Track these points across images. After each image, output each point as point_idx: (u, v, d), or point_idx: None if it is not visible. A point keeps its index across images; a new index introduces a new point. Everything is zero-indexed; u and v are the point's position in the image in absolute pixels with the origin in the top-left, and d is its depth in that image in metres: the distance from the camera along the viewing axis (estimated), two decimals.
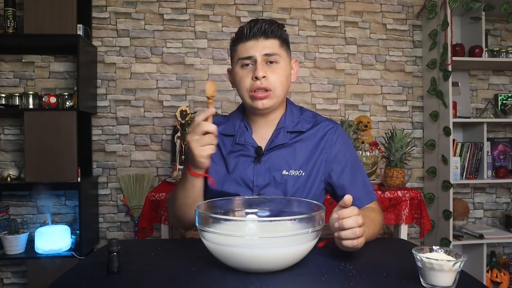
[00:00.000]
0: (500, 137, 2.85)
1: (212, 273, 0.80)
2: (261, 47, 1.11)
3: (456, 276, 0.72)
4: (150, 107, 2.66)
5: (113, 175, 2.65)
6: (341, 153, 1.19)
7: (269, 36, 1.12)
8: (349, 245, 0.86)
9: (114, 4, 2.64)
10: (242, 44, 1.13)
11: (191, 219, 1.13)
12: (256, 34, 1.11)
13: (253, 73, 1.11)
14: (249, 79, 1.12)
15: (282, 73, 1.13)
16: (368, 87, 2.80)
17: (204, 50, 2.69)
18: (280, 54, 1.13)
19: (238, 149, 1.16)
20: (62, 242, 2.29)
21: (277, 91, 1.12)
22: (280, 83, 1.12)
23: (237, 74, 1.15)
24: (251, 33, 1.11)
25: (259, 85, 1.10)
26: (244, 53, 1.12)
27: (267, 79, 1.10)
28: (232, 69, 1.19)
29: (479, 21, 2.59)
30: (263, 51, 1.10)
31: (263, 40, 1.11)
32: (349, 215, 0.86)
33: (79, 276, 0.81)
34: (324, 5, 2.76)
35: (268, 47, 1.11)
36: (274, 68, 1.12)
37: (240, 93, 1.16)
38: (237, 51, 1.15)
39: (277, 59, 1.12)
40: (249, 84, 1.12)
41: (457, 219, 2.61)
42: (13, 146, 2.59)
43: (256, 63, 1.11)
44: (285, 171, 1.14)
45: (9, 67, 2.58)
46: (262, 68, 1.10)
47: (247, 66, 1.13)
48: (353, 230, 0.85)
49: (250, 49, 1.11)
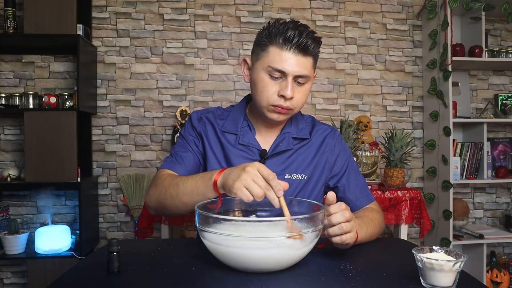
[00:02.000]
0: (500, 137, 2.85)
1: (212, 273, 0.80)
2: (297, 66, 1.02)
3: (456, 276, 0.72)
4: (150, 107, 2.66)
5: (113, 175, 2.65)
6: (341, 156, 1.21)
7: (307, 54, 1.03)
8: (338, 241, 0.87)
9: (114, 4, 2.64)
10: (278, 50, 1.02)
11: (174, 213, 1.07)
12: (297, 48, 1.01)
13: (280, 89, 1.04)
14: (275, 93, 1.05)
15: (306, 94, 1.09)
16: (368, 87, 2.80)
17: (204, 50, 2.69)
18: (310, 75, 1.06)
19: (241, 149, 1.15)
20: (62, 242, 2.29)
21: (295, 110, 1.09)
22: (301, 103, 1.09)
23: (262, 80, 1.06)
24: (291, 44, 1.01)
25: (283, 104, 1.05)
26: (278, 64, 1.02)
27: (292, 99, 1.06)
28: (254, 67, 1.09)
29: (479, 21, 2.59)
30: (298, 71, 1.03)
31: (301, 57, 1.02)
32: (336, 211, 0.87)
33: (79, 276, 0.81)
34: (324, 5, 2.76)
35: (303, 67, 1.03)
36: (301, 89, 1.07)
37: (258, 99, 1.09)
38: (269, 55, 1.04)
39: (307, 80, 1.07)
40: (273, 98, 1.05)
41: (457, 219, 2.61)
42: (13, 146, 2.59)
43: (286, 79, 1.03)
44: (287, 175, 1.14)
45: (9, 67, 2.58)
46: (292, 88, 1.03)
47: (275, 78, 1.05)
48: (339, 226, 0.86)
49: (286, 63, 1.02)
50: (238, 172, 0.87)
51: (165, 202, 1.05)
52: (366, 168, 2.47)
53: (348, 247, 0.92)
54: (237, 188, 0.85)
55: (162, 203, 1.06)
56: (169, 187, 1.03)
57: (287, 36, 1.00)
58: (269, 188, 0.85)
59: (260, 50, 1.06)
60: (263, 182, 0.85)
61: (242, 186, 0.85)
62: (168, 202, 1.04)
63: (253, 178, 0.85)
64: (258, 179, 0.85)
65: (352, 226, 0.88)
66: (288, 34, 1.00)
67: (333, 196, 0.89)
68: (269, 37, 1.04)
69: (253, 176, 0.85)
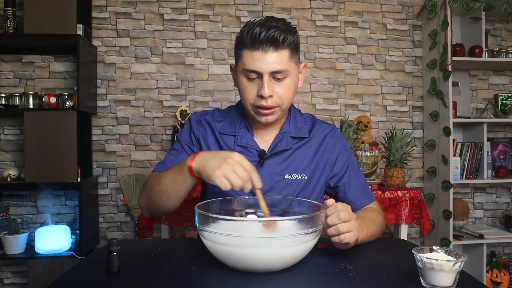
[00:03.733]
0: (500, 137, 2.85)
1: (212, 273, 0.80)
2: (269, 62, 1.00)
3: (456, 276, 0.72)
4: (150, 107, 2.66)
5: (113, 175, 2.65)
6: (341, 155, 1.20)
7: (280, 47, 1.00)
8: (337, 241, 0.88)
9: (114, 4, 2.64)
10: (248, 52, 1.01)
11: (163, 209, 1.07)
12: (265, 44, 0.99)
13: (258, 88, 1.03)
14: (254, 94, 1.04)
15: (290, 88, 1.06)
16: (368, 87, 2.80)
17: (204, 50, 2.69)
18: (289, 69, 1.03)
19: (239, 151, 1.14)
20: (62, 242, 2.29)
21: (283, 106, 1.07)
22: (287, 98, 1.06)
23: (241, 84, 1.06)
24: (259, 42, 0.99)
25: (264, 104, 1.04)
26: (250, 65, 1.01)
27: (273, 97, 1.03)
28: (236, 73, 1.09)
29: (479, 21, 2.59)
30: (271, 68, 1.00)
31: (272, 51, 0.99)
32: (331, 213, 0.88)
33: (79, 276, 0.81)
34: (324, 5, 2.76)
35: (277, 62, 1.00)
36: (281, 84, 1.04)
37: (244, 102, 1.09)
38: (242, 58, 1.03)
39: (286, 74, 1.03)
40: (253, 100, 1.05)
41: (457, 219, 2.61)
42: (13, 146, 2.59)
43: (262, 78, 1.02)
44: (288, 175, 1.14)
45: (9, 67, 2.58)
46: (269, 87, 1.01)
47: (252, 79, 1.04)
48: (335, 227, 0.87)
49: (257, 62, 1.00)
50: (219, 161, 0.88)
51: (153, 201, 1.07)
52: (366, 168, 2.47)
53: (349, 247, 0.92)
54: (216, 177, 0.87)
55: (151, 202, 1.08)
56: (154, 185, 1.06)
57: (253, 35, 0.99)
58: (248, 180, 0.88)
59: (237, 55, 1.07)
60: (243, 173, 0.87)
61: (222, 175, 0.87)
62: (155, 199, 1.06)
63: (233, 168, 0.87)
64: (238, 169, 0.87)
65: (350, 226, 0.88)
66: (254, 33, 0.99)
67: (332, 202, 0.90)
68: (240, 41, 1.04)
69: (234, 167, 0.87)
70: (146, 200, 1.10)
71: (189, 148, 1.18)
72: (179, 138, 1.21)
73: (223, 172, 0.87)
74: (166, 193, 1.02)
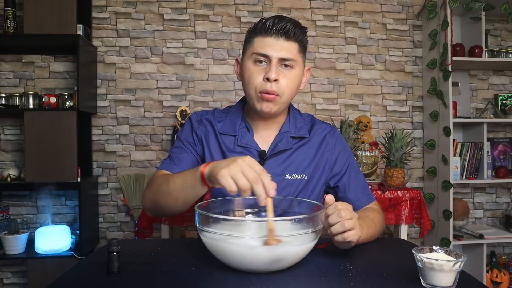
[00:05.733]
0: (500, 137, 2.85)
1: (212, 273, 0.80)
2: (279, 48, 1.05)
3: (456, 276, 0.72)
4: (150, 107, 2.66)
5: (113, 175, 2.65)
6: (341, 156, 1.20)
7: (291, 38, 1.06)
8: (340, 239, 0.87)
9: (114, 4, 2.64)
10: (261, 38, 1.07)
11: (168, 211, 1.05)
12: (278, 32, 1.05)
13: (265, 73, 1.06)
14: (260, 79, 1.06)
15: (294, 80, 1.09)
16: (368, 87, 2.80)
17: (204, 50, 2.69)
18: (296, 60, 1.08)
19: (240, 151, 1.14)
20: (62, 242, 2.29)
21: (284, 97, 1.08)
22: (289, 90, 1.08)
23: (248, 69, 1.09)
24: (272, 29, 1.05)
25: (268, 88, 1.05)
26: (261, 49, 1.06)
27: (278, 83, 1.06)
28: (242, 60, 1.12)
29: (479, 21, 2.59)
30: (281, 54, 1.05)
31: (283, 40, 1.05)
32: (331, 212, 0.87)
33: (79, 276, 0.81)
34: (324, 5, 2.76)
35: (287, 50, 1.05)
36: (287, 73, 1.07)
37: (247, 90, 1.10)
38: (253, 44, 1.08)
39: (293, 64, 1.07)
40: (259, 84, 1.07)
41: (457, 219, 2.61)
42: (13, 146, 2.59)
43: (270, 63, 1.05)
44: (288, 176, 1.14)
45: (9, 67, 2.58)
46: (276, 71, 1.05)
47: (260, 63, 1.07)
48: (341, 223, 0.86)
49: (268, 47, 1.05)
50: (228, 162, 0.83)
51: (158, 201, 1.04)
52: (366, 168, 2.47)
53: (350, 247, 0.91)
54: (222, 176, 0.80)
55: (156, 202, 1.06)
56: (161, 185, 1.03)
57: (268, 24, 1.06)
58: (258, 181, 0.80)
59: (247, 42, 1.12)
60: (252, 175, 0.80)
61: (228, 174, 0.80)
62: (161, 200, 1.03)
63: (241, 169, 0.80)
64: (247, 171, 0.80)
65: (354, 223, 0.87)
66: (269, 22, 1.06)
67: (332, 199, 0.89)
68: (253, 30, 1.10)
69: (242, 167, 0.81)
70: (151, 200, 1.07)
71: (191, 147, 1.18)
72: (180, 137, 1.20)
73: (229, 172, 0.80)
74: (174, 196, 0.99)
